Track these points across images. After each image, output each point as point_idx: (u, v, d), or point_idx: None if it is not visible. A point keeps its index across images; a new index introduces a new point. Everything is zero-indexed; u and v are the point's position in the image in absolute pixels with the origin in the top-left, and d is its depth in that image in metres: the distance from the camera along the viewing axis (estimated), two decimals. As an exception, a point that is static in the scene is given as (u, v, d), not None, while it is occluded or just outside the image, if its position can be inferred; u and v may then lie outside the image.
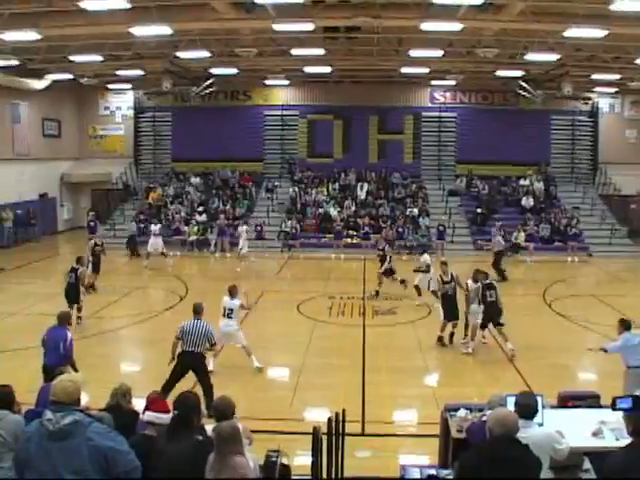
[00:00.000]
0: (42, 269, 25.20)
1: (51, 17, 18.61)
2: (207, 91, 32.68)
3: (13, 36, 20.49)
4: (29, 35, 20.26)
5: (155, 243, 26.35)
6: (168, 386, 10.56)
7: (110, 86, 35.72)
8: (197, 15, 18.40)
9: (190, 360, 11.10)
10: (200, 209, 31.64)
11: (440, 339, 15.18)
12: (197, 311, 11.72)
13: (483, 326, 14.76)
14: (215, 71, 29.45)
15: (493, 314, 14.46)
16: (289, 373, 13.94)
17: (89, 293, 19.00)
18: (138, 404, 7.07)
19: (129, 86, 35.80)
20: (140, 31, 19.79)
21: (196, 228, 29.97)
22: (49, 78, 31.29)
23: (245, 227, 27.91)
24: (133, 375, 13.60)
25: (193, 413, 5.65)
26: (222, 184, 34.69)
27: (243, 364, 13.68)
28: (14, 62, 26.37)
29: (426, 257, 19.35)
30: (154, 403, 6.39)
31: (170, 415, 6.06)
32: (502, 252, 23.78)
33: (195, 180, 34.94)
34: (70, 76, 31.20)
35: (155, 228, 26.89)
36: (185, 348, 11.20)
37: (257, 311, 18.53)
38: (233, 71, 29.17)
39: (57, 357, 10.63)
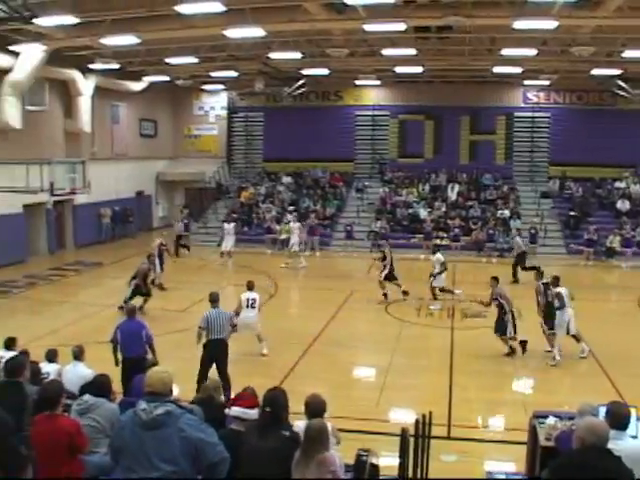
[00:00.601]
0: (137, 264, 25.86)
1: (149, 22, 19.13)
2: (299, 91, 32.93)
3: (114, 41, 21.20)
4: (129, 39, 20.91)
5: (226, 242, 26.75)
6: (201, 377, 10.99)
7: (204, 87, 36.48)
8: (289, 16, 18.53)
9: (216, 347, 11.70)
10: (291, 208, 31.89)
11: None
12: (215, 299, 12.30)
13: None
14: (307, 72, 29.61)
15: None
16: (376, 373, 13.92)
17: (163, 290, 19.46)
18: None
19: (223, 87, 36.45)
20: (234, 33, 20.09)
21: (287, 227, 30.21)
22: (146, 80, 32.29)
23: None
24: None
25: (282, 410, 5.70)
26: (313, 184, 34.86)
27: (329, 363, 13.72)
28: (114, 65, 27.31)
29: (439, 256, 19.59)
30: (241, 398, 6.45)
31: (256, 411, 6.11)
32: (524, 253, 23.49)
33: (286, 180, 35.24)
34: (166, 78, 32.07)
35: (229, 227, 27.23)
36: (211, 337, 11.78)
37: (346, 310, 18.62)
38: (324, 71, 29.27)
39: (139, 348, 10.97)
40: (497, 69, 27.86)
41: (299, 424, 5.74)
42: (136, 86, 32.61)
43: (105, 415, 6.65)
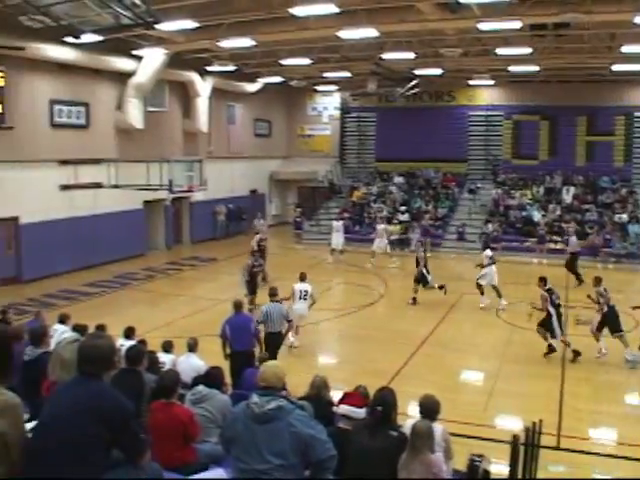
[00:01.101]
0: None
1: (265, 24, 19.52)
2: (411, 92, 32.73)
3: (231, 43, 21.78)
4: (245, 42, 21.43)
5: (336, 240, 26.81)
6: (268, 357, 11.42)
7: (318, 88, 36.84)
8: (402, 17, 18.46)
9: (273, 339, 12.26)
10: (402, 209, 31.78)
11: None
12: (274, 294, 12.96)
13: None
14: (419, 72, 29.42)
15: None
16: (484, 377, 13.70)
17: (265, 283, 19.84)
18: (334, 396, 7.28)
19: (336, 87, 36.72)
20: (347, 34, 20.21)
21: (398, 227, 30.13)
22: (261, 81, 32.96)
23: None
24: (329, 367, 13.95)
25: (392, 410, 5.73)
26: (425, 184, 34.59)
27: (436, 365, 13.63)
28: (231, 67, 28.04)
29: (488, 252, 19.38)
30: (350, 397, 6.51)
31: (364, 410, 6.16)
32: (578, 253, 22.95)
33: (398, 180, 35.13)
34: (281, 79, 32.64)
35: (337, 224, 27.35)
36: (268, 330, 12.38)
37: (456, 312, 18.42)
38: (437, 71, 29.00)
39: (248, 341, 11.28)
40: (616, 67, 26.80)
41: (408, 423, 5.76)
42: (251, 87, 33.33)
43: (217, 406, 6.86)
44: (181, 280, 23.29)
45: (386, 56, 25.25)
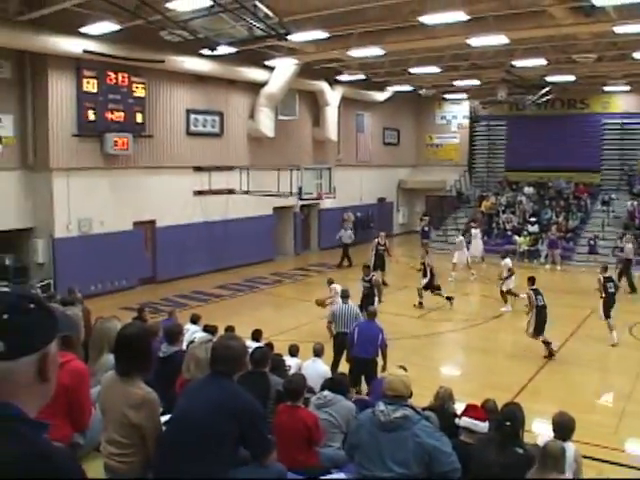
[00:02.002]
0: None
1: (394, 33, 19.54)
2: (543, 99, 31.88)
3: (360, 53, 21.94)
4: (374, 51, 21.54)
5: (474, 247, 26.50)
6: (335, 363, 11.98)
7: (446, 96, 36.48)
8: (534, 22, 18.00)
9: (341, 339, 12.37)
10: (532, 219, 30.96)
11: None
12: (346, 295, 13.36)
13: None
14: (551, 79, 28.60)
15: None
16: (615, 398, 13.02)
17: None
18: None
19: (465, 96, 36.25)
20: (477, 42, 19.95)
21: (527, 238, 29.39)
22: (390, 90, 33.00)
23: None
24: (453, 379, 13.77)
25: (520, 426, 5.62)
26: (556, 195, 33.54)
27: (564, 382, 13.19)
28: (360, 76, 28.25)
29: (507, 261, 20.09)
30: (471, 410, 6.41)
31: (487, 424, 6.05)
32: (630, 261, 22.52)
33: (528, 190, 34.22)
34: (409, 88, 32.54)
35: (475, 232, 27.21)
36: (338, 330, 12.59)
37: (586, 329, 17.67)
38: (570, 78, 28.09)
39: (373, 350, 11.25)
40: None
41: (540, 441, 5.61)
42: (380, 96, 33.43)
43: (341, 412, 6.90)
44: (308, 285, 23.58)
45: (517, 63, 24.73)
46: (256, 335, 11.05)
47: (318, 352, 10.27)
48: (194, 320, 12.62)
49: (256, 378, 6.56)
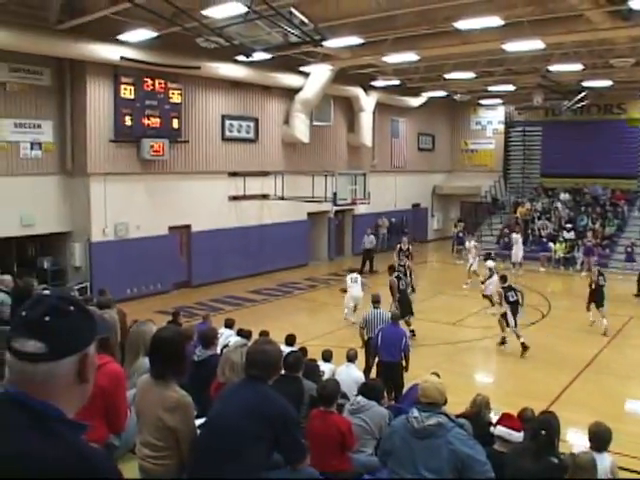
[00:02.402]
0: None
1: (429, 39, 19.48)
2: (579, 105, 31.54)
3: (395, 58, 21.87)
4: (409, 57, 21.46)
5: (515, 252, 26.37)
6: (368, 369, 12.03)
7: (482, 101, 36.25)
8: (570, 27, 17.80)
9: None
10: (568, 226, 30.61)
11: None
12: (376, 301, 13.45)
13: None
14: (588, 84, 28.28)
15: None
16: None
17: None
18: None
19: (500, 101, 35.98)
20: (512, 47, 19.77)
21: (563, 245, 29.08)
22: (425, 95, 32.88)
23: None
24: (486, 387, 13.66)
25: (556, 435, 5.56)
26: (592, 201, 33.10)
27: (600, 391, 13.01)
28: (395, 82, 28.23)
29: (490, 263, 20.24)
30: (506, 419, 6.36)
31: (522, 434, 5.99)
32: None
33: (564, 196, 33.82)
34: (444, 93, 32.40)
35: (516, 237, 27.17)
36: (370, 335, 12.74)
37: (623, 337, 17.45)
38: (607, 83, 27.74)
39: (396, 354, 11.31)
40: None
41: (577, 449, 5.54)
42: (415, 101, 33.35)
43: (374, 418, 6.88)
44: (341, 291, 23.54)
45: (553, 68, 24.49)
46: (290, 340, 11.08)
47: (351, 358, 10.28)
48: (228, 324, 12.70)
49: (289, 383, 6.57)
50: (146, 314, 12.65)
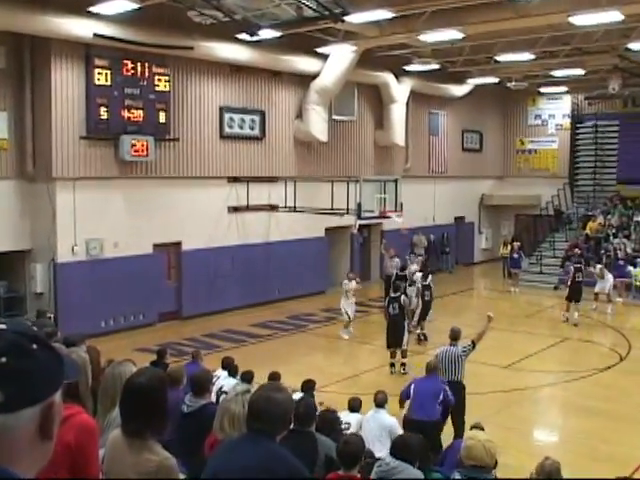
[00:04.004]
0: (454, 304, 26.40)
1: (476, 12, 19.50)
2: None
3: (434, 37, 21.87)
4: (451, 34, 21.47)
5: (602, 282, 25.55)
6: None
7: (542, 90, 36.20)
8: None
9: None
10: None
11: None
12: (455, 337, 13.10)
13: None
14: (678, 67, 28.26)
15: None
16: None
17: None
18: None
19: (565, 89, 35.89)
20: (583, 20, 19.70)
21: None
22: (471, 83, 32.86)
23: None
24: (548, 446, 13.51)
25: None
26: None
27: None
28: (434, 66, 28.18)
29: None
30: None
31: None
32: None
33: (647, 208, 33.72)
34: (495, 80, 32.37)
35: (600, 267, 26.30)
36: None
37: None
38: (703, 66, 27.72)
39: (434, 411, 11.01)
40: None
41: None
42: (458, 90, 33.30)
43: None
44: (367, 324, 23.43)
45: (633, 46, 24.41)
46: (307, 386, 10.92)
47: (380, 402, 10.20)
48: (226, 366, 12.63)
49: (301, 439, 6.49)
50: (125, 352, 12.69)
